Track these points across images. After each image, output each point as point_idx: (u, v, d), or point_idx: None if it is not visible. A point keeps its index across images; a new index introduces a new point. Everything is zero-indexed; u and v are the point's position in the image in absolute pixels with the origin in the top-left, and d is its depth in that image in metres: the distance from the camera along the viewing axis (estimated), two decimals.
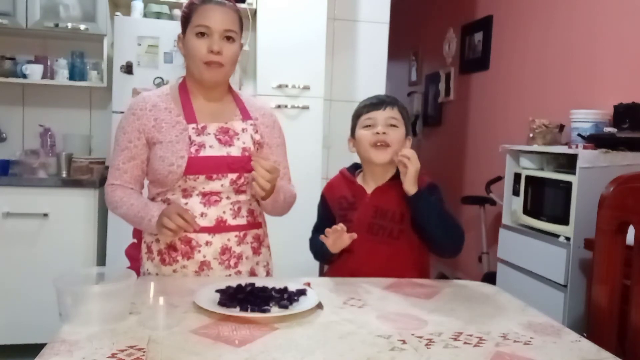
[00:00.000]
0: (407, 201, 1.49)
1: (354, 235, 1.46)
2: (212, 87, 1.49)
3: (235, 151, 1.45)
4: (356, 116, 1.59)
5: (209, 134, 1.44)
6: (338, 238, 1.46)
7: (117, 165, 1.47)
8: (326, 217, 1.62)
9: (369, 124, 1.54)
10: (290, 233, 1.55)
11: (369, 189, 1.57)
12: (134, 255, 1.53)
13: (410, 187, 1.46)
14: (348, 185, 1.61)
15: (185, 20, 1.45)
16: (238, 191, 1.47)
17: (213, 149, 1.43)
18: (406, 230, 1.53)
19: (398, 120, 1.54)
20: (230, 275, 1.48)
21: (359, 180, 1.61)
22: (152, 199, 1.49)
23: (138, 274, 1.46)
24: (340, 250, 1.50)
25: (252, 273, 1.53)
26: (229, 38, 1.43)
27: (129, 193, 1.46)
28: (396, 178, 1.54)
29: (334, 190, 1.63)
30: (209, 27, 1.40)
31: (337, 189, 1.63)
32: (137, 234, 1.54)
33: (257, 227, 1.54)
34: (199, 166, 1.40)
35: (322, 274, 1.64)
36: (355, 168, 1.66)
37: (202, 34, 1.41)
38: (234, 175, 1.44)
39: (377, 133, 1.51)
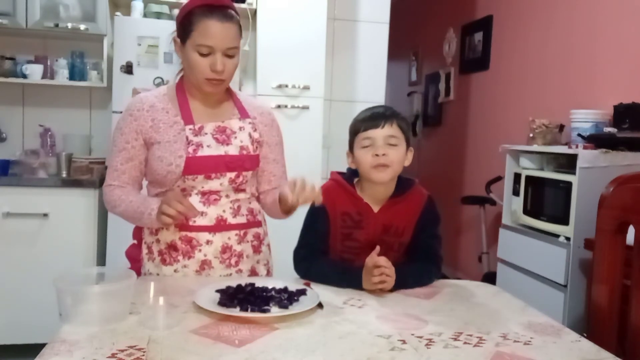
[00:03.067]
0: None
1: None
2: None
3: (233, 150, 1.45)
4: (354, 132, 1.48)
5: (206, 133, 1.44)
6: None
7: (115, 166, 1.47)
8: (325, 232, 1.51)
9: (367, 144, 1.44)
10: (290, 232, 1.54)
11: (375, 206, 1.49)
12: (134, 256, 1.53)
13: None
14: (351, 201, 1.50)
15: (184, 29, 1.40)
16: (237, 190, 1.47)
17: (210, 149, 1.43)
18: (405, 243, 1.52)
19: (397, 137, 1.44)
20: (231, 274, 1.48)
21: (358, 190, 1.51)
22: None
23: (138, 274, 1.46)
24: None
25: (253, 271, 1.53)
26: (230, 55, 1.41)
27: (128, 191, 1.46)
28: (399, 194, 1.50)
29: (335, 204, 1.50)
30: (212, 47, 1.37)
31: (338, 203, 1.50)
32: (137, 234, 1.54)
33: (257, 226, 1.54)
34: (197, 166, 1.40)
35: None
36: (352, 173, 1.55)
37: (204, 53, 1.38)
38: (232, 174, 1.44)
39: (377, 155, 1.42)
